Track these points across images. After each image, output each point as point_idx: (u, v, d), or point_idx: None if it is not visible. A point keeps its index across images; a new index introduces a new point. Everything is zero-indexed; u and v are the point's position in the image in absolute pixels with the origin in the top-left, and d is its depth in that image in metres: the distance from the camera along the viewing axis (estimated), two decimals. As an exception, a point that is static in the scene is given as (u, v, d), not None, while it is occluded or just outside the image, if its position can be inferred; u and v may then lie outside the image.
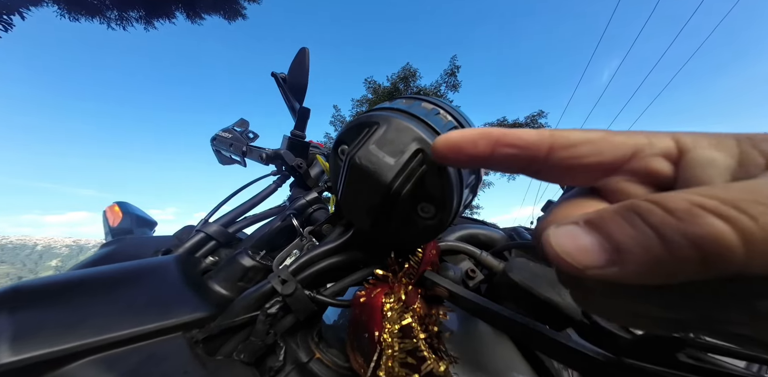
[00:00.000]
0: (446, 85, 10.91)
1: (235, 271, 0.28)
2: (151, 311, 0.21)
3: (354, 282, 0.28)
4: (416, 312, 0.23)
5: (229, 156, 0.61)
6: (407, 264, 0.27)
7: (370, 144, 0.19)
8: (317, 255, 0.27)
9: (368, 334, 0.24)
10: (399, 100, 0.24)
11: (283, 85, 0.58)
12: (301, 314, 0.24)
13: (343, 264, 0.28)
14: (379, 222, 0.21)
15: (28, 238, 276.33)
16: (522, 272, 0.26)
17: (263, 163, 0.50)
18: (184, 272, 0.27)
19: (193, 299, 0.24)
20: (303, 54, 0.52)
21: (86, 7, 5.63)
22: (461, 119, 0.23)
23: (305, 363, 0.24)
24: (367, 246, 0.28)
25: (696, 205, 0.07)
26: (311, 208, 0.41)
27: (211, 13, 6.18)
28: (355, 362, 0.25)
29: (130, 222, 0.40)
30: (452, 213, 0.21)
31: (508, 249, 0.30)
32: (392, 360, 0.22)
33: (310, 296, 0.25)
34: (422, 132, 0.19)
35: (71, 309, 0.20)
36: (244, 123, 0.67)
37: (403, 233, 0.23)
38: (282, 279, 0.24)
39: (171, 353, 0.20)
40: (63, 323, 0.19)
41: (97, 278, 0.23)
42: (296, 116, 0.51)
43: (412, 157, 0.19)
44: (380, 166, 0.19)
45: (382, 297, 0.24)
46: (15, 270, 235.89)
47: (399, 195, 0.19)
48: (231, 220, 0.39)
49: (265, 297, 0.24)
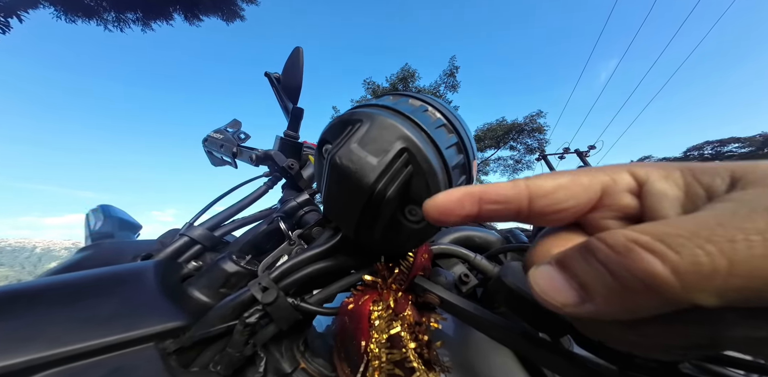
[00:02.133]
0: (445, 86, 10.93)
1: (218, 277, 0.26)
2: (119, 321, 0.20)
3: (342, 288, 0.27)
4: (406, 320, 0.22)
5: (221, 157, 0.60)
6: (397, 269, 0.25)
7: (352, 143, 0.18)
8: (302, 260, 0.26)
9: (355, 343, 0.22)
10: (386, 96, 0.23)
11: (276, 85, 0.56)
12: (284, 323, 0.23)
13: (331, 269, 0.27)
14: (364, 226, 0.20)
15: (27, 241, 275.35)
16: (517, 277, 0.24)
17: (253, 164, 0.49)
18: (163, 278, 0.26)
19: (168, 307, 0.22)
20: (297, 53, 0.50)
21: (83, 9, 5.62)
22: (451, 117, 0.22)
23: (288, 374, 0.23)
24: (356, 251, 0.27)
25: (631, 241, 0.08)
26: (302, 210, 0.39)
27: (209, 15, 6.18)
28: (342, 372, 0.24)
29: (111, 226, 0.39)
30: None
31: (504, 253, 0.29)
32: (379, 372, 0.20)
33: (294, 304, 0.23)
34: (408, 130, 0.18)
35: (27, 321, 0.18)
36: (237, 123, 0.66)
37: (389, 238, 0.21)
38: (263, 287, 0.23)
39: (140, 365, 0.19)
40: (14, 336, 0.17)
41: (63, 286, 0.22)
42: (289, 116, 0.50)
43: (396, 157, 0.17)
44: (362, 166, 0.17)
45: (370, 305, 0.23)
46: (14, 273, 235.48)
47: (383, 197, 0.18)
48: (218, 223, 0.38)
49: (243, 306, 0.23)
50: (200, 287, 0.26)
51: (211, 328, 0.22)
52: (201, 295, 0.25)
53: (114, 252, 0.33)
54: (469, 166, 0.22)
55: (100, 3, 5.67)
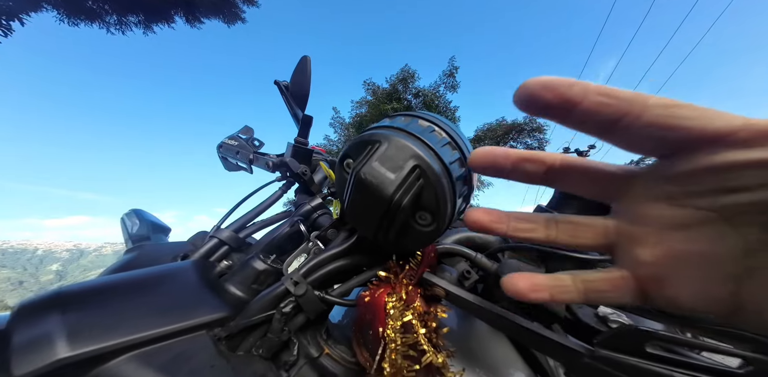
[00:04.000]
0: (445, 86, 10.95)
1: (249, 274, 0.30)
2: (176, 311, 0.24)
3: (358, 283, 0.30)
4: (416, 310, 0.26)
5: (236, 163, 0.63)
6: (407, 266, 0.29)
7: (374, 161, 0.22)
8: (325, 259, 0.29)
9: (373, 331, 0.26)
10: (399, 117, 0.27)
11: (285, 92, 0.60)
12: (312, 313, 0.27)
13: (349, 267, 0.30)
14: (382, 229, 0.24)
15: (29, 243, 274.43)
16: (513, 272, 0.28)
17: (270, 170, 0.53)
18: (202, 275, 0.29)
19: (213, 300, 0.26)
20: (305, 62, 0.54)
21: (85, 12, 5.67)
22: (453, 134, 0.25)
23: (316, 358, 0.27)
24: (370, 250, 0.31)
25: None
26: (316, 214, 0.43)
27: (210, 17, 6.22)
28: (361, 356, 0.28)
29: (146, 229, 0.43)
30: (447, 220, 0.24)
31: (501, 251, 0.33)
32: (395, 353, 0.24)
33: (320, 296, 0.27)
34: (419, 149, 0.22)
35: (110, 311, 0.22)
36: (249, 130, 0.69)
37: (403, 239, 0.25)
38: (294, 281, 0.27)
39: (198, 350, 0.22)
40: (104, 323, 0.21)
41: (127, 282, 0.26)
42: (299, 124, 0.53)
43: (410, 172, 0.21)
44: (382, 180, 0.21)
45: (385, 297, 0.27)
46: (16, 275, 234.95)
47: (400, 205, 0.22)
48: (241, 226, 0.41)
49: (279, 298, 0.26)
50: (235, 283, 0.30)
51: (253, 317, 0.25)
52: (236, 290, 0.29)
53: (155, 253, 0.36)
54: (470, 177, 0.25)
55: (102, 6, 5.71)
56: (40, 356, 0.18)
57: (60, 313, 0.20)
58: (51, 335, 0.19)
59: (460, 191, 0.24)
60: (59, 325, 0.20)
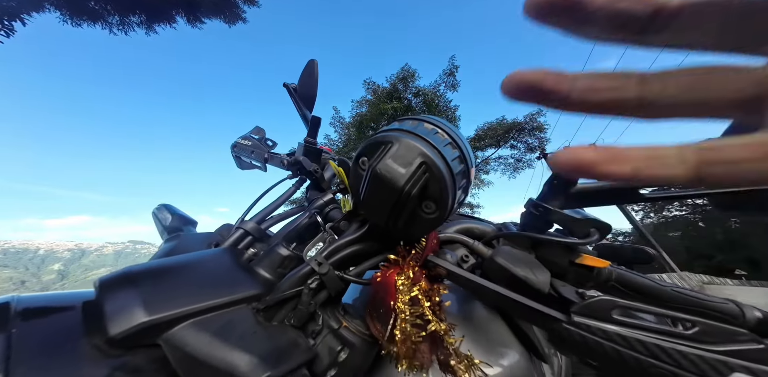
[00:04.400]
0: (445, 85, 10.97)
1: (275, 259, 0.34)
2: (221, 288, 0.28)
3: (371, 266, 0.35)
4: (421, 287, 0.30)
5: (250, 162, 0.68)
6: (413, 251, 0.33)
7: (387, 158, 0.26)
8: (341, 245, 0.34)
9: (385, 305, 0.30)
10: (407, 121, 0.31)
11: (294, 94, 0.64)
12: (333, 290, 0.31)
13: (362, 251, 0.35)
14: (392, 217, 0.28)
15: (31, 242, 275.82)
16: (505, 256, 0.32)
17: (285, 168, 0.57)
18: (235, 260, 0.34)
19: (248, 280, 0.30)
20: (312, 65, 0.57)
21: (88, 12, 5.71)
22: (454, 136, 0.29)
23: (336, 329, 0.31)
24: (380, 237, 0.35)
25: None
26: (328, 207, 0.47)
27: (212, 17, 6.27)
28: (374, 329, 0.32)
29: (178, 221, 0.47)
30: (449, 208, 0.28)
31: (497, 239, 0.37)
32: (405, 322, 0.28)
33: (339, 276, 0.31)
34: (425, 148, 0.26)
35: (169, 287, 0.26)
36: (261, 131, 0.73)
37: (410, 226, 0.29)
38: (318, 262, 0.31)
39: (242, 319, 0.27)
40: (167, 296, 0.25)
41: (177, 264, 0.30)
42: (308, 124, 0.56)
43: (418, 168, 0.25)
44: (395, 174, 0.25)
45: (395, 276, 0.31)
46: (18, 274, 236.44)
47: (409, 195, 0.26)
48: (262, 219, 0.46)
49: (306, 276, 0.31)
50: (263, 266, 0.34)
51: (285, 292, 0.30)
52: (264, 272, 0.33)
53: (190, 242, 0.41)
54: (468, 172, 0.30)
55: (105, 7, 5.75)
56: (126, 320, 0.22)
57: (135, 287, 0.25)
58: (132, 304, 0.23)
59: (459, 184, 0.28)
60: (137, 297, 0.24)
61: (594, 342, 0.22)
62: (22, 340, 0.20)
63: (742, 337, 0.19)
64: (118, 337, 0.22)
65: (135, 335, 0.22)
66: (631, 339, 0.21)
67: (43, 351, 0.20)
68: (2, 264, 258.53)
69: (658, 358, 0.20)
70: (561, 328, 0.24)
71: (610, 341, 0.22)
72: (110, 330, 0.22)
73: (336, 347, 0.29)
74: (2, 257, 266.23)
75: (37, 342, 0.20)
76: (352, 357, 0.29)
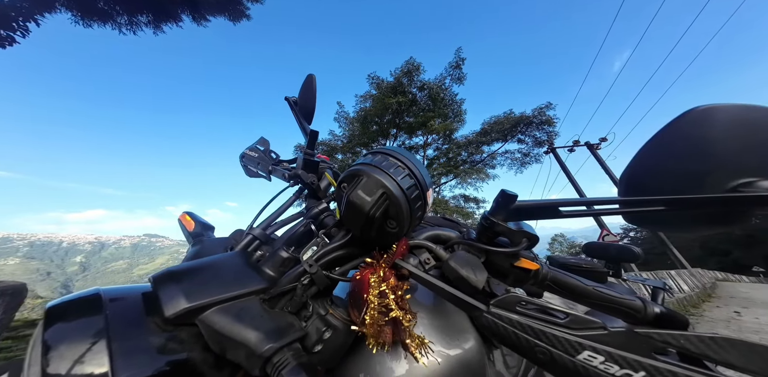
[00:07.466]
0: (451, 78, 10.79)
1: (277, 261, 0.43)
2: (237, 283, 0.37)
3: (352, 267, 0.44)
4: (389, 284, 0.39)
5: (256, 171, 0.77)
6: (386, 255, 0.42)
7: (358, 189, 0.34)
8: (329, 250, 0.43)
9: (360, 297, 0.39)
10: (377, 155, 0.39)
11: (294, 108, 0.71)
12: (321, 285, 0.40)
13: (346, 255, 0.43)
14: (365, 231, 0.37)
15: (54, 235, 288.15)
16: (457, 260, 0.40)
17: (286, 180, 0.66)
18: (246, 261, 0.43)
19: (257, 277, 0.40)
20: (310, 80, 0.64)
21: (98, 13, 5.85)
22: (412, 167, 0.37)
23: (323, 315, 0.40)
24: (360, 244, 0.44)
25: None
26: (322, 215, 0.56)
27: (216, 15, 6.33)
28: (353, 315, 0.41)
29: (200, 228, 0.57)
30: (406, 225, 0.36)
31: (455, 245, 0.45)
32: (374, 310, 0.37)
33: (326, 274, 0.40)
34: (386, 181, 0.34)
35: (200, 282, 0.35)
36: (265, 142, 0.82)
37: (378, 237, 0.38)
38: (309, 264, 0.40)
39: (253, 307, 0.36)
40: (200, 289, 0.34)
41: (203, 265, 0.39)
42: (307, 137, 0.61)
43: (380, 196, 0.34)
44: (363, 201, 0.34)
45: (369, 275, 0.40)
46: (44, 266, 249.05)
47: (374, 217, 0.34)
48: (267, 225, 0.55)
49: (300, 275, 0.40)
50: (268, 266, 0.43)
51: (284, 287, 0.39)
52: (269, 271, 0.43)
53: (211, 246, 0.51)
54: (423, 195, 0.38)
55: (114, 7, 5.88)
56: (175, 305, 0.32)
57: (177, 283, 0.34)
58: (178, 295, 0.33)
59: (415, 206, 0.36)
60: (180, 290, 0.33)
61: (502, 327, 0.31)
62: (114, 319, 0.30)
63: (594, 325, 0.27)
64: (171, 317, 0.31)
65: (181, 316, 0.32)
66: (525, 325, 0.29)
67: (127, 326, 0.30)
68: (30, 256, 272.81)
69: (540, 339, 0.28)
70: (482, 316, 0.32)
71: (513, 326, 0.30)
72: (166, 313, 0.31)
73: (322, 328, 0.39)
74: (30, 249, 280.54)
75: (122, 320, 0.30)
76: (334, 337, 0.39)
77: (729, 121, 0.26)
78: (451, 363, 0.41)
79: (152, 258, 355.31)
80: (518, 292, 0.34)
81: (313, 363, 0.34)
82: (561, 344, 0.27)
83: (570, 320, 0.28)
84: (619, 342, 0.25)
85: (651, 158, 0.31)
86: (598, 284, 0.39)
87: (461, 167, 11.74)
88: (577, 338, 0.27)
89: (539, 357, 0.28)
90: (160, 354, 0.29)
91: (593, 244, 1.01)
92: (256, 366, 0.32)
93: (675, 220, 0.30)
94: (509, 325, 0.30)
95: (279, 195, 0.67)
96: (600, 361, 0.25)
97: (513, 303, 0.31)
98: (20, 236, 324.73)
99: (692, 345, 0.23)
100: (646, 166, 0.31)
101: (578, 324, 0.28)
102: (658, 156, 0.30)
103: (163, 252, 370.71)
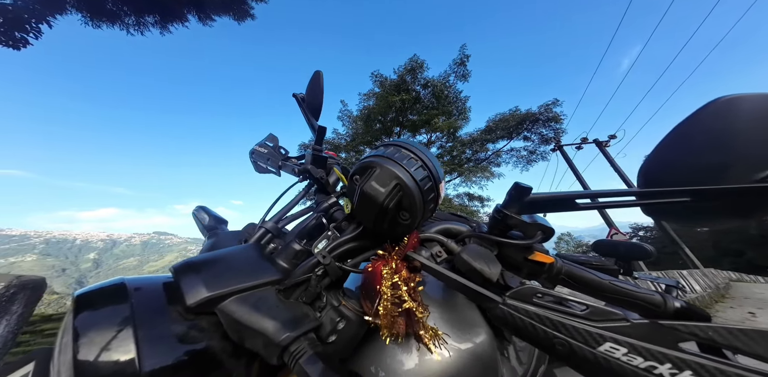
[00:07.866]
0: (455, 75, 10.66)
1: (290, 253, 0.44)
2: (253, 274, 0.38)
3: (364, 259, 0.44)
4: (402, 275, 0.39)
5: (266, 167, 0.77)
6: (397, 247, 0.42)
7: (371, 180, 0.34)
8: (341, 242, 0.43)
9: (373, 288, 0.39)
10: (390, 147, 0.39)
11: (302, 104, 0.71)
12: (333, 276, 0.41)
13: (357, 247, 0.44)
14: (377, 222, 0.37)
15: (68, 233, 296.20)
16: (469, 253, 0.40)
17: (295, 175, 0.66)
18: (260, 253, 0.44)
19: (271, 268, 0.40)
20: (318, 77, 0.64)
21: (106, 14, 5.95)
22: (425, 159, 0.37)
23: (337, 306, 0.41)
24: (372, 236, 0.44)
25: None
26: (332, 209, 0.57)
27: (221, 15, 6.38)
28: (365, 306, 0.41)
29: (214, 221, 0.58)
30: (419, 217, 0.36)
31: (467, 238, 0.45)
32: (387, 301, 0.37)
33: (338, 266, 0.41)
34: (400, 172, 0.34)
35: (218, 272, 0.36)
36: (274, 138, 0.82)
37: (390, 229, 0.38)
38: (323, 255, 0.41)
39: (268, 296, 0.37)
40: (218, 279, 0.35)
41: (220, 256, 0.40)
42: (315, 133, 0.62)
43: (394, 187, 0.34)
44: (377, 193, 0.34)
45: (382, 267, 0.40)
46: (59, 263, 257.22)
47: (388, 208, 0.34)
48: (279, 219, 0.56)
49: (314, 266, 0.40)
50: (282, 258, 0.44)
51: (299, 278, 0.39)
52: (283, 263, 0.43)
53: (226, 239, 0.52)
54: (436, 187, 0.38)
55: (122, 8, 5.97)
56: (196, 294, 0.33)
57: (197, 273, 0.35)
58: (199, 284, 0.34)
59: (428, 197, 0.36)
60: (200, 280, 0.34)
61: (519, 318, 0.30)
62: (139, 307, 0.31)
63: (616, 317, 0.27)
64: (192, 306, 0.32)
65: (202, 305, 0.33)
66: (543, 316, 0.29)
67: (152, 314, 0.31)
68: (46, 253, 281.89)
69: (559, 331, 0.28)
70: (497, 307, 0.32)
71: (530, 318, 0.30)
72: (187, 301, 0.32)
73: (336, 319, 0.39)
74: (45, 246, 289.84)
75: (146, 309, 0.31)
76: (348, 327, 0.39)
77: (755, 111, 0.25)
78: (463, 357, 0.41)
79: (161, 255, 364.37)
80: (534, 284, 0.34)
81: (328, 353, 0.35)
82: (581, 335, 0.27)
83: (590, 311, 0.28)
84: (642, 333, 0.25)
85: (671, 152, 0.30)
86: (615, 278, 0.39)
87: (465, 165, 11.64)
88: (598, 330, 0.26)
89: (558, 348, 0.28)
90: (182, 342, 0.30)
91: (603, 242, 0.99)
92: (274, 355, 0.32)
93: (696, 212, 0.29)
94: (526, 317, 0.30)
95: (289, 189, 0.67)
96: (623, 353, 0.24)
97: (530, 295, 0.31)
98: (37, 233, 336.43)
99: (720, 336, 0.22)
100: (665, 159, 0.31)
101: (598, 316, 0.27)
102: (678, 149, 0.29)
103: (172, 250, 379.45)
